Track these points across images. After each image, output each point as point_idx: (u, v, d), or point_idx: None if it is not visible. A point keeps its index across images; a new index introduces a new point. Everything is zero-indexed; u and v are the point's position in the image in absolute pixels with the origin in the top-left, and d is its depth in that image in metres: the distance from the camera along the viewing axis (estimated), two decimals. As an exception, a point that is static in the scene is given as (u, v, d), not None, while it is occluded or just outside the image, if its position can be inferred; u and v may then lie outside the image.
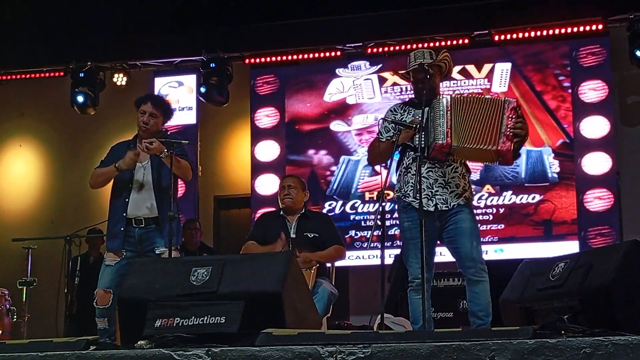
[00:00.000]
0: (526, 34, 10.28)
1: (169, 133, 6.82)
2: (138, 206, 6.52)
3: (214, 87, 10.88)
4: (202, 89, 10.88)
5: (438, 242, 5.92)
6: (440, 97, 5.74)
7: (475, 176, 10.11)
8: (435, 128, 5.64)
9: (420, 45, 10.45)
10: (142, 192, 6.55)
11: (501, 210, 10.18)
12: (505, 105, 5.68)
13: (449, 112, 5.64)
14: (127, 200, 6.52)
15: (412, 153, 5.82)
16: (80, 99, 11.14)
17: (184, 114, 11.04)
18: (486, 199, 10.20)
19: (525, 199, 10.14)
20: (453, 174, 5.84)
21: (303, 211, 7.17)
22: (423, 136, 5.64)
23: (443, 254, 6.30)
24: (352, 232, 10.50)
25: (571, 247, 9.72)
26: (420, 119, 5.69)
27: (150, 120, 6.58)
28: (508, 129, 5.60)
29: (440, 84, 6.12)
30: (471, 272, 5.74)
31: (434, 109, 5.70)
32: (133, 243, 6.51)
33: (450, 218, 5.80)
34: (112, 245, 6.54)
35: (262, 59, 11.11)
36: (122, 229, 6.48)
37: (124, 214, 6.50)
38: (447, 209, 5.78)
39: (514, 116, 5.65)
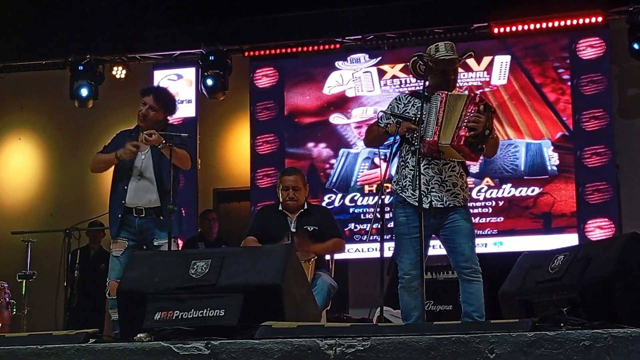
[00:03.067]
0: (526, 27, 10.28)
1: (169, 122, 6.84)
2: (138, 195, 6.57)
3: (215, 80, 10.86)
4: (210, 81, 10.84)
5: (433, 235, 5.91)
6: (439, 94, 5.71)
7: (474, 169, 10.11)
8: (427, 124, 5.64)
9: (419, 38, 10.46)
10: (142, 181, 6.60)
11: (500, 203, 10.18)
12: (467, 100, 5.67)
13: (442, 109, 5.63)
14: (125, 188, 6.58)
15: (408, 146, 5.82)
16: (84, 92, 11.13)
17: (184, 107, 11.01)
18: (485, 191, 10.20)
19: (524, 191, 10.14)
20: (450, 172, 5.82)
21: (305, 207, 7.15)
22: (420, 130, 5.65)
23: (442, 247, 6.28)
24: (352, 225, 10.50)
25: (570, 239, 9.73)
26: (419, 113, 5.70)
27: (148, 112, 6.65)
28: (463, 124, 5.59)
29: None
30: (467, 272, 5.73)
31: (431, 104, 5.70)
32: (134, 232, 6.57)
33: (448, 216, 5.78)
34: (112, 231, 6.65)
35: (262, 52, 11.10)
36: (119, 215, 6.54)
37: (123, 202, 6.56)
38: (442, 206, 5.76)
39: (473, 110, 5.63)
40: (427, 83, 5.84)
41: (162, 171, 6.59)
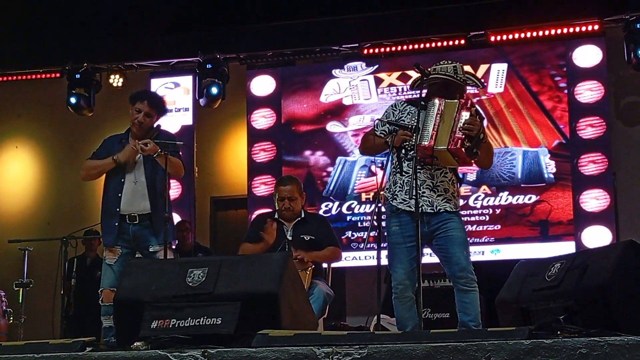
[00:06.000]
0: (522, 35, 10.28)
1: (161, 128, 6.81)
2: (132, 202, 6.54)
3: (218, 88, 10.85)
4: (215, 90, 10.79)
5: (425, 244, 5.89)
6: (434, 100, 5.73)
7: (471, 177, 10.12)
8: (423, 129, 5.64)
9: (416, 46, 10.48)
10: (135, 188, 6.57)
11: (497, 211, 10.18)
12: (459, 105, 5.69)
13: (438, 115, 5.65)
14: (119, 195, 6.54)
15: (399, 153, 5.82)
16: (72, 100, 11.14)
17: (181, 115, 11.03)
18: (482, 199, 10.20)
19: (521, 199, 10.14)
20: (442, 178, 5.80)
21: (302, 216, 7.14)
22: (416, 138, 5.66)
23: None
24: (349, 233, 10.49)
25: (567, 247, 9.73)
26: (413, 120, 5.73)
27: (145, 119, 6.62)
28: (458, 128, 5.61)
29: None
30: (462, 282, 5.68)
31: (427, 111, 5.70)
32: (127, 240, 6.53)
33: (441, 225, 5.74)
34: (107, 240, 6.59)
35: (259, 60, 11.10)
36: (116, 224, 6.51)
37: (117, 209, 6.52)
38: (432, 211, 5.72)
39: (466, 115, 5.66)
40: (424, 92, 5.84)
41: (154, 178, 6.58)
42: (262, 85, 11.12)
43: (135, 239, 6.54)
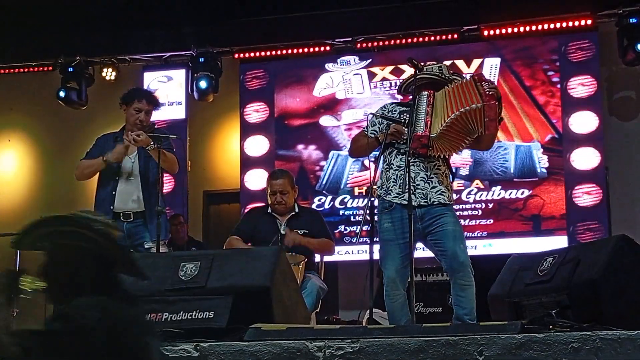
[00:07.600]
0: (515, 29, 10.29)
1: (156, 126, 6.81)
2: (125, 199, 6.51)
3: (208, 82, 10.84)
4: (204, 83, 10.78)
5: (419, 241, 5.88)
6: (423, 92, 5.77)
7: (464, 171, 10.12)
8: (416, 120, 5.67)
9: (409, 41, 10.48)
10: (129, 185, 6.54)
11: (490, 205, 10.18)
12: (474, 77, 5.82)
13: (430, 105, 5.68)
14: (113, 193, 6.51)
15: (392, 149, 5.83)
16: (62, 93, 11.10)
17: (173, 109, 11.01)
18: (475, 194, 10.20)
19: (514, 194, 10.15)
20: (436, 170, 5.80)
21: (295, 211, 7.13)
22: (409, 131, 5.68)
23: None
24: (342, 227, 10.49)
25: (560, 242, 9.73)
26: (403, 115, 5.77)
27: (146, 118, 6.58)
28: (485, 90, 5.67)
29: None
30: (460, 276, 5.63)
31: (417, 103, 5.74)
32: (121, 237, 6.49)
33: (434, 221, 5.72)
34: None
35: (252, 54, 11.08)
36: None
37: (111, 207, 6.48)
38: (426, 204, 5.73)
39: (486, 82, 5.76)
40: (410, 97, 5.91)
41: (148, 174, 6.56)
42: (255, 79, 11.10)
43: (130, 236, 6.50)
